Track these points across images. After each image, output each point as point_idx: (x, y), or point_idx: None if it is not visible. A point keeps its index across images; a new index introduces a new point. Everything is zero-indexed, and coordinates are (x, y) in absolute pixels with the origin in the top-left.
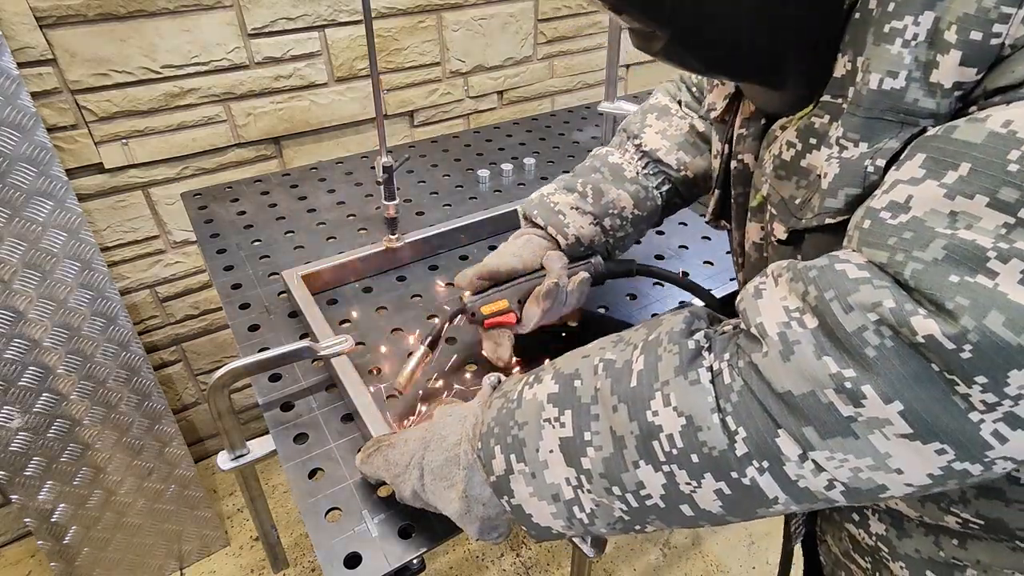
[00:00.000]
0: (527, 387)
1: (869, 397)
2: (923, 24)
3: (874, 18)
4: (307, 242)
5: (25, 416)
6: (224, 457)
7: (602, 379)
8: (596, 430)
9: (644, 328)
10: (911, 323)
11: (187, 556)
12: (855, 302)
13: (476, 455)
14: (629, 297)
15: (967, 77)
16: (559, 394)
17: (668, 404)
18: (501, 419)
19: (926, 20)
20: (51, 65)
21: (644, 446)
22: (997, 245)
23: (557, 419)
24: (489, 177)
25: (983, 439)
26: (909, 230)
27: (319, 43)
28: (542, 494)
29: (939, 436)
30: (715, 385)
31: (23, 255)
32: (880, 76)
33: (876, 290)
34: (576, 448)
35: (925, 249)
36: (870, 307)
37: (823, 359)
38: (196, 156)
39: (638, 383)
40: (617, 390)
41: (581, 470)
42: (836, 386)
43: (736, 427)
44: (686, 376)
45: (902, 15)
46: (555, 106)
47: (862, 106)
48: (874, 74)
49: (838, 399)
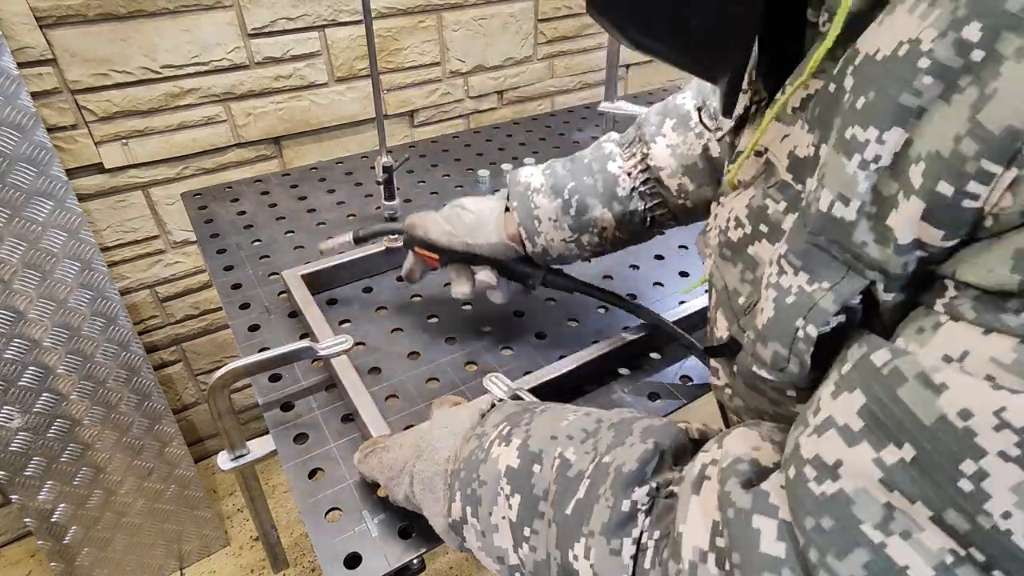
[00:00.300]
0: (497, 441)
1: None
2: (889, 143)
3: (843, 106)
4: (307, 242)
5: (25, 416)
6: (224, 457)
7: (555, 479)
8: (536, 529)
9: (614, 430)
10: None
11: (187, 556)
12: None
13: (446, 489)
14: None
15: (931, 239)
16: (517, 472)
17: (588, 557)
18: (470, 465)
19: (893, 139)
20: (51, 65)
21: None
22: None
23: (508, 497)
24: (489, 177)
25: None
26: (831, 516)
27: (319, 43)
28: (489, 552)
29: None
30: (635, 564)
31: (23, 255)
32: (832, 197)
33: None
34: (517, 536)
35: (843, 559)
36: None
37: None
38: (196, 156)
39: (573, 512)
40: (558, 507)
41: (520, 555)
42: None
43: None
44: (609, 541)
45: (867, 123)
46: (555, 106)
47: (808, 226)
48: (826, 191)
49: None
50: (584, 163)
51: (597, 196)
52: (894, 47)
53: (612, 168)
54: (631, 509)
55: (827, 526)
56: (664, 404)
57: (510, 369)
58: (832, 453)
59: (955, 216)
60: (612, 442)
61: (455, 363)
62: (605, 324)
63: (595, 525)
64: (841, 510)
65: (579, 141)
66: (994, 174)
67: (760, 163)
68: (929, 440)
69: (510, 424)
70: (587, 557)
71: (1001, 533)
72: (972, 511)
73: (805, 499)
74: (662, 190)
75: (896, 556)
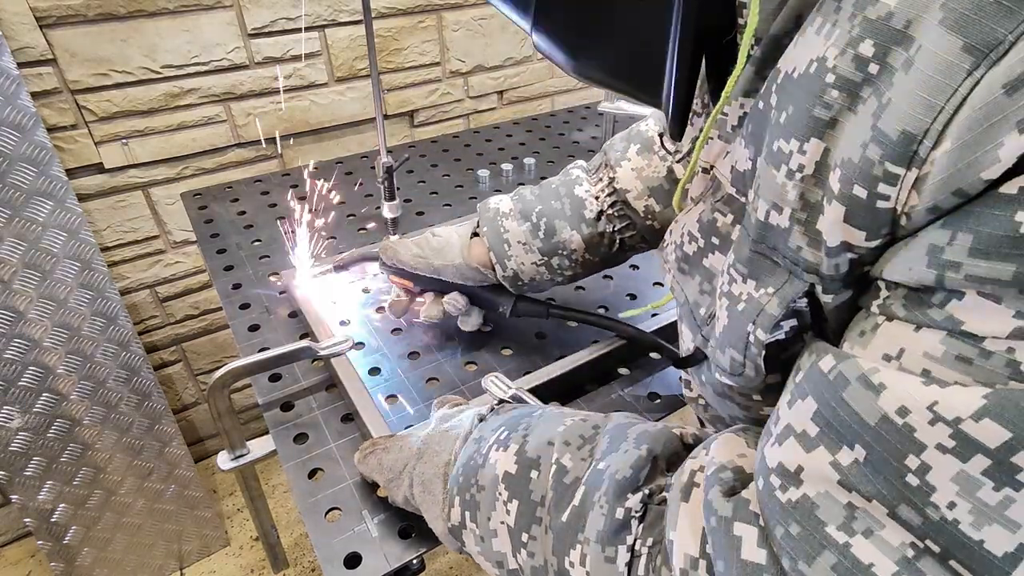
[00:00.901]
0: (495, 447)
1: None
2: (810, 154)
3: (771, 121)
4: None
5: (25, 416)
6: (224, 457)
7: (552, 486)
8: (534, 535)
9: (609, 436)
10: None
11: (187, 556)
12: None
13: (445, 492)
14: (629, 297)
15: (856, 240)
16: (514, 478)
17: (583, 564)
18: (467, 470)
19: (813, 150)
20: (51, 65)
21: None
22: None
23: (507, 503)
24: (489, 177)
25: None
26: (798, 522)
27: (319, 43)
28: (488, 557)
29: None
30: (629, 571)
31: (23, 255)
32: (767, 207)
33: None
34: (516, 541)
35: (812, 563)
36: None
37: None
38: (196, 156)
39: (568, 520)
40: (554, 514)
41: (519, 560)
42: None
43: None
44: (604, 549)
45: (789, 135)
46: (555, 106)
47: (751, 234)
48: (762, 200)
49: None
50: (552, 188)
51: (565, 219)
52: (806, 65)
53: (579, 192)
54: (625, 517)
55: (795, 532)
56: (664, 404)
57: (510, 369)
58: (793, 460)
59: (872, 217)
60: (607, 448)
61: (455, 363)
62: None
63: (590, 533)
64: (806, 515)
65: (579, 141)
66: (898, 175)
67: (707, 179)
68: (875, 439)
69: (508, 429)
70: (583, 564)
71: (949, 523)
72: (921, 504)
73: (774, 508)
74: (629, 212)
75: (861, 555)
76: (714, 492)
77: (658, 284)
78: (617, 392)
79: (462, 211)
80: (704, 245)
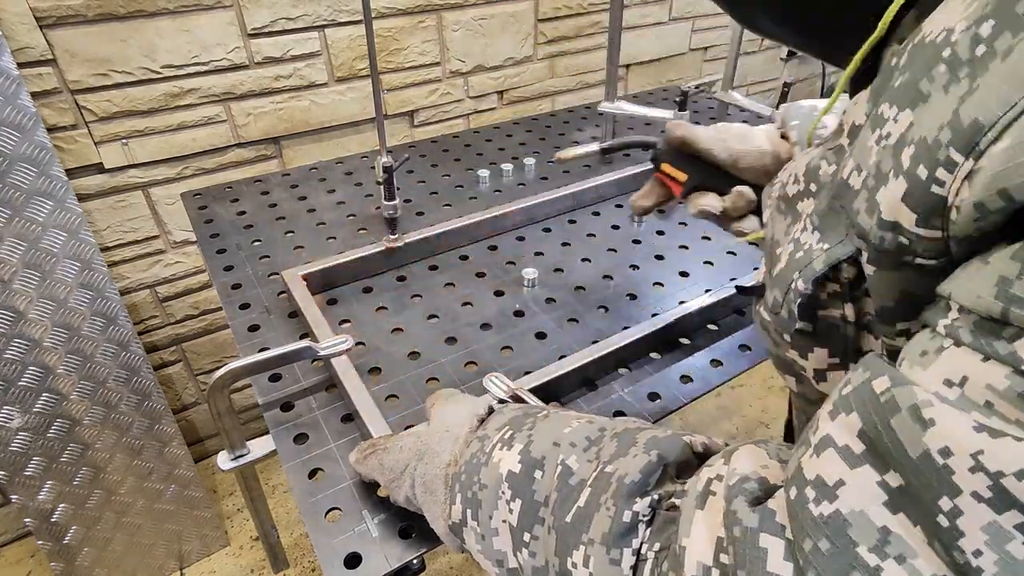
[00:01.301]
0: (499, 445)
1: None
2: (900, 124)
3: (892, 82)
4: (307, 242)
5: (25, 416)
6: (224, 457)
7: (556, 487)
8: (536, 535)
9: (617, 439)
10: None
11: (187, 556)
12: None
13: (447, 492)
14: (629, 297)
15: (907, 222)
16: (518, 478)
17: (586, 565)
18: (470, 468)
19: (903, 120)
20: (51, 65)
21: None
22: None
23: (509, 502)
24: (489, 177)
25: None
26: (828, 539)
27: (319, 43)
28: (488, 555)
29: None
30: (634, 574)
31: (23, 255)
32: (852, 166)
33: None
34: (517, 541)
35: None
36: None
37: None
38: (196, 156)
39: (573, 521)
40: (558, 514)
41: (520, 559)
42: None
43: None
44: (608, 551)
45: (893, 101)
46: (555, 106)
47: (832, 190)
48: (851, 159)
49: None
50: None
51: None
52: (938, 32)
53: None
54: (632, 520)
55: (824, 548)
56: (664, 404)
57: (510, 369)
58: (833, 473)
59: (925, 201)
60: (615, 452)
61: (455, 363)
62: (605, 324)
63: (595, 534)
64: (838, 532)
65: (579, 141)
66: (957, 163)
67: (838, 128)
68: (914, 472)
69: (512, 428)
70: (586, 565)
71: (973, 570)
72: (949, 545)
73: (804, 520)
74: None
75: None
76: (739, 502)
77: (658, 284)
78: (617, 392)
79: (462, 211)
80: (803, 189)
